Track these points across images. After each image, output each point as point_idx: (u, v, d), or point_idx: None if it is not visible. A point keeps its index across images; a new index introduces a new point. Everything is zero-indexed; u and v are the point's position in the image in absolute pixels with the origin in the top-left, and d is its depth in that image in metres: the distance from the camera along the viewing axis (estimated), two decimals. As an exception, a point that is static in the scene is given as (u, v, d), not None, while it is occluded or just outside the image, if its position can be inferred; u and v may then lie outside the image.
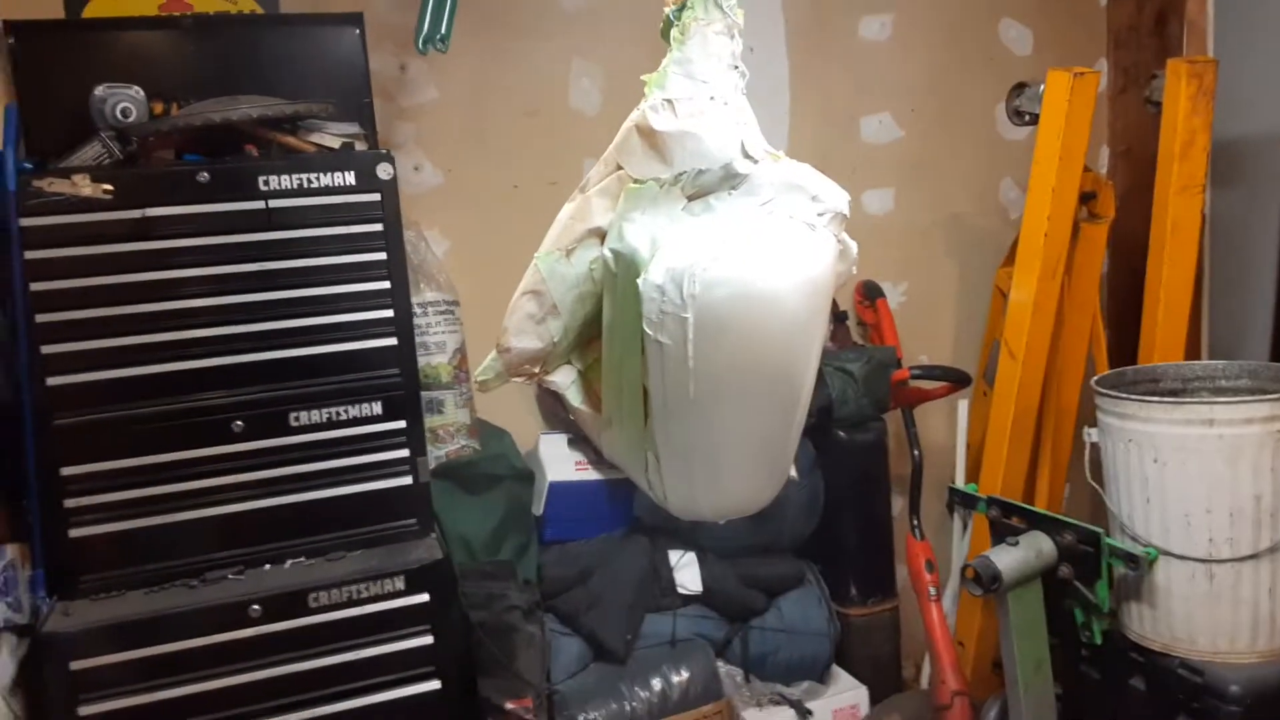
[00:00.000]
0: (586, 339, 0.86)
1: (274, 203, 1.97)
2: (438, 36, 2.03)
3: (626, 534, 2.44)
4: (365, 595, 1.98)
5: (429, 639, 2.01)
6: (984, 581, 1.91)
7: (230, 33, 2.27)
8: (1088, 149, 2.25)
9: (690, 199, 0.79)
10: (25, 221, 1.82)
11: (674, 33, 0.83)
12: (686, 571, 2.42)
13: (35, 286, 1.85)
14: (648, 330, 0.76)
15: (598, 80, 2.60)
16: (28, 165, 1.93)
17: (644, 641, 2.37)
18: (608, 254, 0.80)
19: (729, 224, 0.78)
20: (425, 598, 2.01)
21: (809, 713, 2.38)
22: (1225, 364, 2.05)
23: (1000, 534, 2.08)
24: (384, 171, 2.00)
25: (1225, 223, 2.73)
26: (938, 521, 2.68)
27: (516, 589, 2.14)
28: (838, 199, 0.76)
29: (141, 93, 1.98)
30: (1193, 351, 2.77)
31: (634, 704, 2.27)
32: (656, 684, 2.29)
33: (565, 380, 0.88)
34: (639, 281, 0.78)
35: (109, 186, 1.85)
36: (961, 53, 2.92)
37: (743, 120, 0.80)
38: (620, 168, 0.82)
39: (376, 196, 2.00)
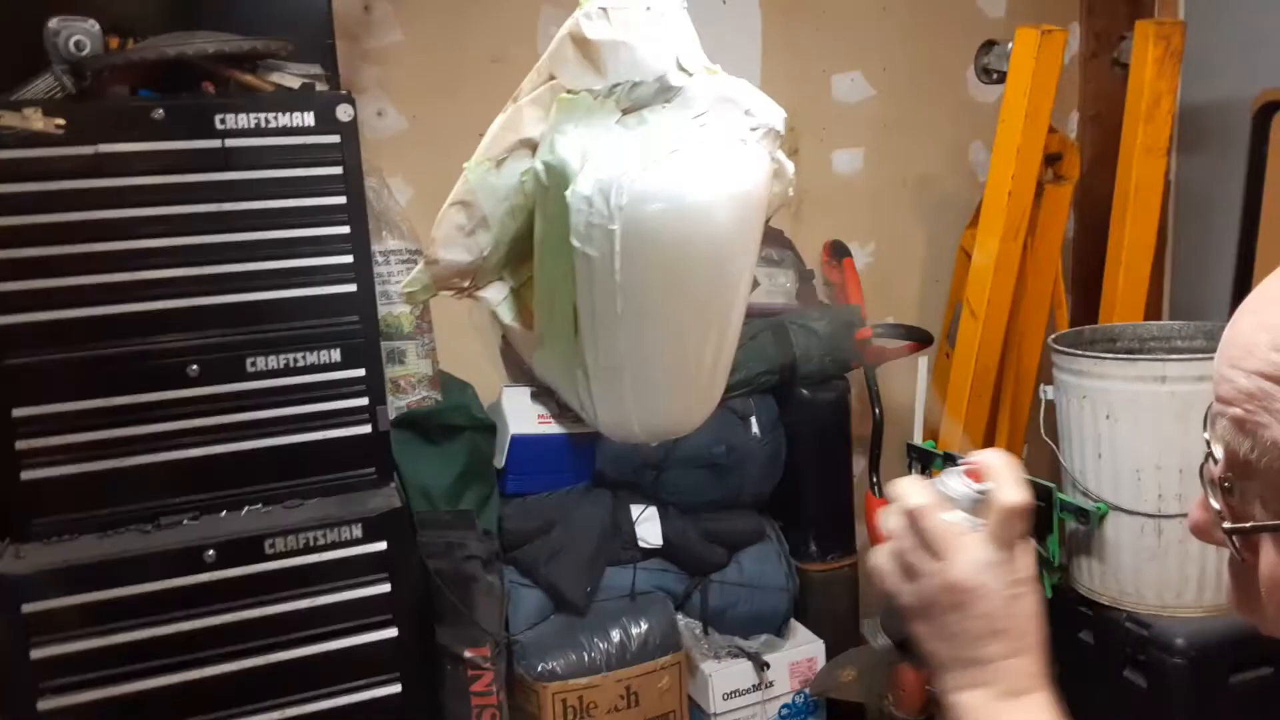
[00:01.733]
0: (520, 255, 0.85)
1: (230, 142, 1.92)
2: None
3: (588, 488, 2.45)
4: (322, 542, 1.97)
5: (386, 587, 2.01)
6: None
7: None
8: (1054, 111, 2.26)
9: (625, 112, 0.78)
10: (-26, 155, 1.77)
11: (606, -56, 0.81)
12: (647, 525, 2.43)
13: (-16, 223, 1.80)
14: (575, 243, 0.75)
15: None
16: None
17: (604, 594, 2.38)
18: (539, 166, 0.79)
19: (661, 137, 0.77)
20: (383, 546, 2.00)
21: (766, 665, 2.41)
22: (1181, 324, 2.07)
23: (957, 490, 2.10)
24: (344, 113, 1.96)
25: (1190, 186, 2.75)
26: (901, 476, 2.70)
27: (476, 539, 2.14)
28: (772, 114, 0.75)
29: (96, 26, 1.92)
30: (1154, 313, 2.80)
31: (593, 654, 2.28)
32: (615, 635, 2.31)
33: (496, 296, 0.87)
34: (567, 193, 0.77)
35: (60, 121, 1.80)
36: (935, 12, 2.91)
37: (679, 32, 0.79)
38: (553, 77, 0.80)
39: (336, 139, 1.96)
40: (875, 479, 2.55)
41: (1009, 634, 0.70)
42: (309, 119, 1.97)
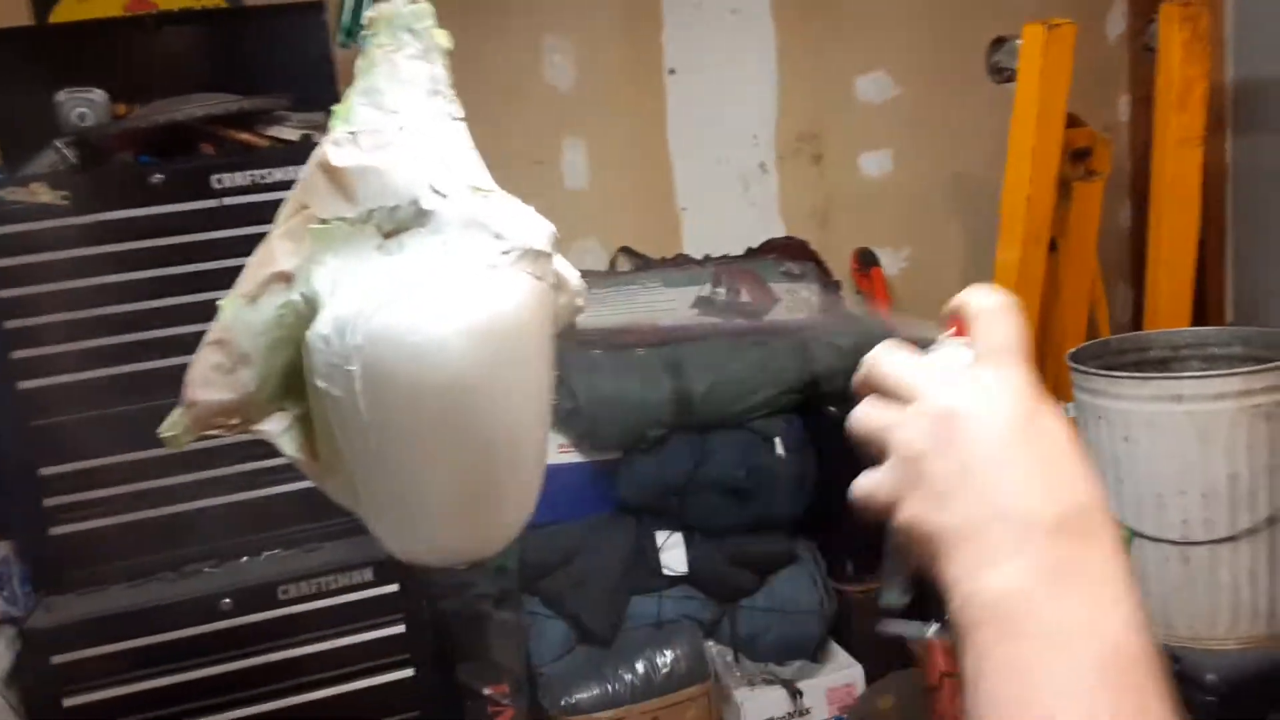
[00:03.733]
0: (300, 383, 0.83)
1: (227, 200, 1.98)
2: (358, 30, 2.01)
3: (611, 515, 2.43)
4: (334, 586, 2.02)
5: (400, 628, 2.04)
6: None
7: (194, 29, 2.29)
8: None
9: (387, 236, 0.75)
10: (-10, 230, 1.87)
11: (359, 62, 0.78)
12: (672, 552, 2.40)
13: (1, 293, 1.90)
14: (318, 383, 0.73)
15: (570, 55, 2.55)
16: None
17: (630, 623, 2.36)
18: (297, 299, 0.77)
19: (410, 266, 0.75)
20: (394, 588, 2.04)
21: (799, 692, 2.36)
22: (1217, 330, 1.93)
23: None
24: (338, 164, 1.99)
25: (1247, 172, 2.56)
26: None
27: (486, 577, 2.15)
28: (529, 234, 0.71)
29: (102, 95, 2.00)
30: (1216, 313, 2.62)
31: (618, 686, 2.27)
32: (641, 666, 2.28)
33: (277, 428, 0.85)
34: (308, 333, 0.75)
35: (65, 193, 1.89)
36: (962, 1, 2.78)
37: (445, 150, 0.76)
38: (306, 207, 0.78)
39: (334, 189, 2.00)
40: (910, 497, 2.45)
41: (1039, 464, 0.47)
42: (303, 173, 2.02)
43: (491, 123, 2.52)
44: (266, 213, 2.05)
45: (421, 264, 0.74)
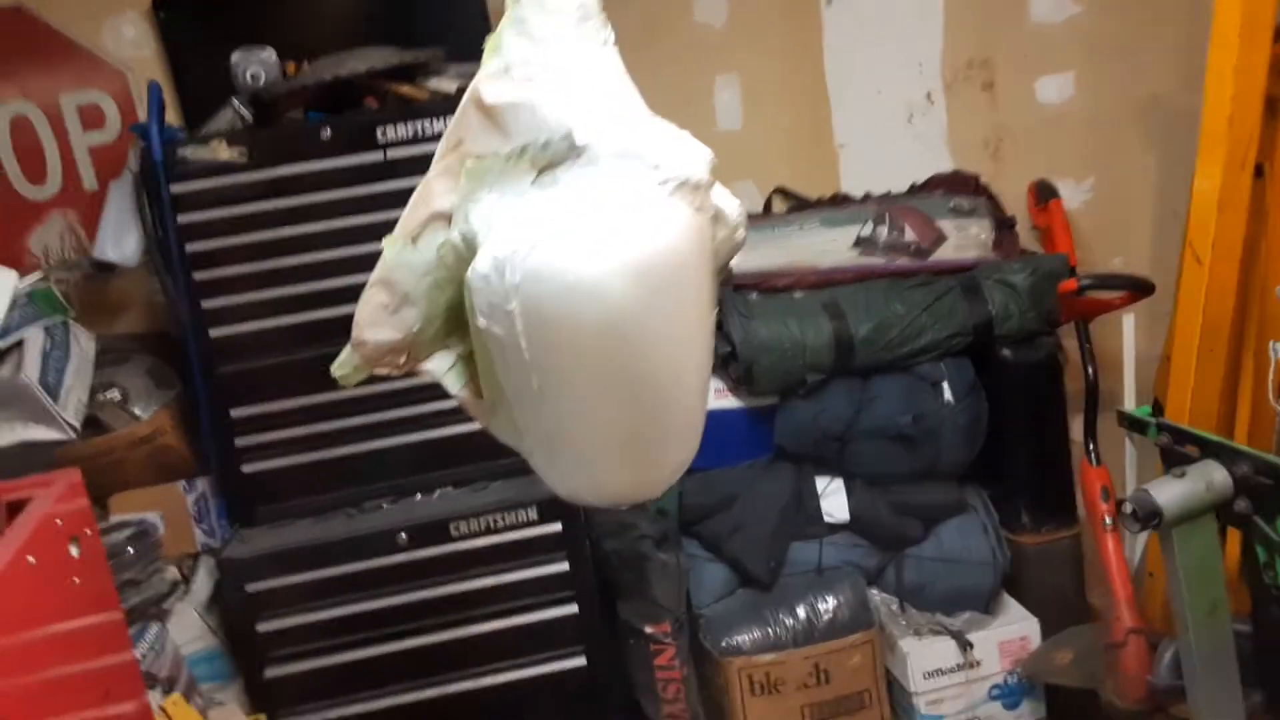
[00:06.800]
0: (463, 322, 0.81)
1: (391, 153, 2.04)
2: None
3: (770, 461, 2.40)
4: (501, 524, 2.08)
5: (564, 565, 2.10)
6: (1141, 517, 1.72)
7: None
8: None
9: (541, 172, 0.72)
10: (174, 188, 1.99)
11: (508, -10, 0.76)
12: (833, 499, 2.35)
13: (190, 247, 2.02)
14: (480, 322, 0.72)
15: (737, 93, 2.48)
16: (178, 133, 2.09)
17: (790, 569, 2.34)
18: (456, 238, 0.76)
19: (565, 201, 0.71)
20: (558, 527, 2.09)
21: (970, 644, 2.28)
22: None
23: (1172, 462, 1.86)
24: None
25: None
26: (1121, 443, 2.43)
27: (647, 519, 2.16)
28: (684, 164, 0.66)
29: (274, 54, 2.08)
30: None
31: (779, 630, 2.26)
32: (802, 612, 2.26)
33: (440, 367, 0.84)
34: (468, 272, 0.73)
35: (242, 149, 1.98)
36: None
37: (595, 81, 0.72)
38: (461, 143, 0.76)
39: (492, 137, 2.02)
40: (1091, 445, 2.30)
41: None
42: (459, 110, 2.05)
43: (639, 64, 2.49)
44: (429, 164, 2.09)
45: (576, 198, 0.72)
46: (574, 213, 0.71)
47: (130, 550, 1.89)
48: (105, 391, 2.16)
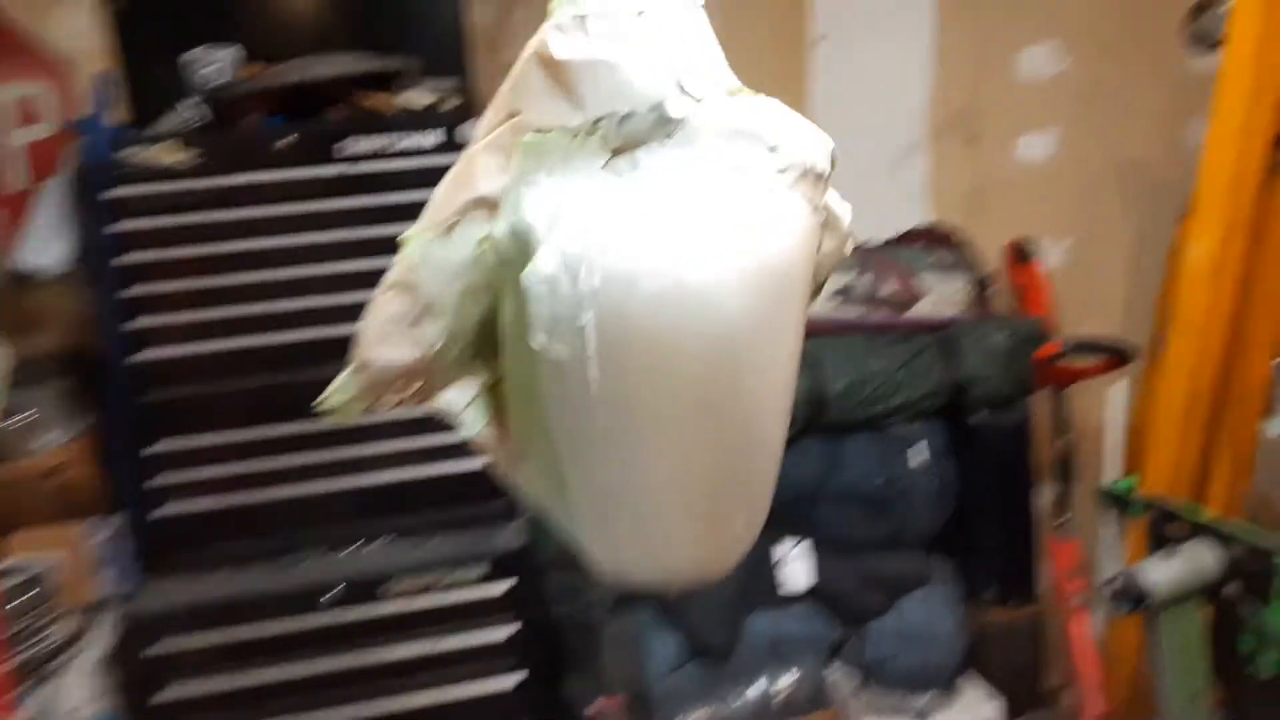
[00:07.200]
0: (491, 343, 0.65)
1: (354, 167, 1.88)
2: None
3: (733, 520, 2.27)
4: (444, 582, 1.91)
5: (512, 631, 1.93)
6: (1130, 599, 1.63)
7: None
8: None
9: (615, 153, 0.57)
10: (113, 191, 1.81)
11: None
12: (796, 566, 2.22)
13: (125, 259, 1.83)
14: (539, 340, 0.56)
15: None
16: (124, 132, 1.90)
17: (748, 640, 2.19)
18: (502, 232, 0.59)
19: (656, 188, 0.56)
20: (509, 585, 1.93)
21: (933, 727, 2.16)
22: None
23: (1159, 541, 1.78)
24: (468, 131, 1.88)
25: None
26: (1093, 516, 2.36)
27: (600, 584, 2.01)
28: (807, 150, 0.53)
29: (234, 54, 1.92)
30: None
31: (734, 706, 2.11)
32: (759, 687, 2.12)
33: (459, 400, 0.67)
34: (523, 274, 0.57)
35: (191, 153, 1.81)
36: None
37: (687, 43, 0.58)
38: (517, 113, 0.61)
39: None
40: (1063, 517, 2.22)
41: None
42: (433, 139, 1.91)
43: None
44: (395, 180, 1.91)
45: (673, 185, 0.56)
46: (672, 203, 0.55)
47: (24, 597, 1.68)
48: (14, 416, 1.94)
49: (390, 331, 0.63)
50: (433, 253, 0.62)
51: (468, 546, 1.94)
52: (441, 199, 0.62)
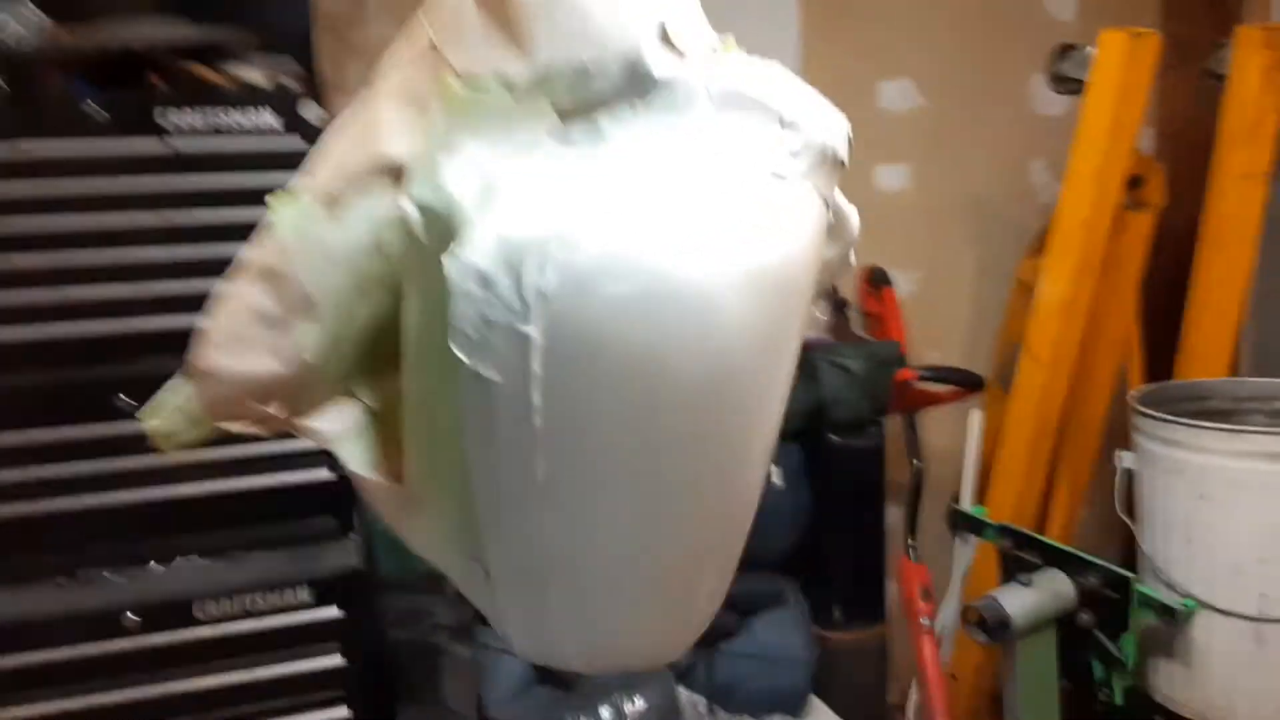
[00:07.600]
0: (384, 354, 0.50)
1: (177, 143, 1.68)
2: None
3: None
4: (263, 606, 1.72)
5: (339, 659, 1.75)
6: (990, 628, 1.63)
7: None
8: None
9: (567, 116, 0.44)
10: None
11: None
12: (650, 586, 2.13)
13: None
14: (460, 354, 0.42)
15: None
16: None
17: (597, 663, 2.09)
18: (410, 209, 0.44)
19: (629, 164, 0.43)
20: (335, 611, 1.75)
21: (780, 753, 2.11)
22: (1287, 383, 1.75)
23: (1010, 568, 1.80)
24: (309, 112, 1.71)
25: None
26: (938, 539, 2.39)
27: (445, 605, 1.87)
28: (826, 129, 0.43)
29: (38, 14, 1.69)
30: (1231, 366, 2.46)
31: (581, 736, 1.99)
32: (606, 714, 2.01)
33: (336, 428, 0.51)
34: (448, 266, 0.42)
35: (-22, 120, 1.56)
36: (997, 13, 2.60)
37: None
38: (437, 48, 0.46)
39: (303, 143, 1.71)
40: (912, 541, 2.23)
41: None
42: (269, 118, 1.72)
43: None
44: (224, 161, 1.71)
45: (653, 161, 0.43)
46: (653, 183, 0.42)
47: None
48: None
49: (246, 334, 0.46)
50: (313, 232, 0.45)
51: (289, 566, 1.75)
52: (329, 160, 0.46)
